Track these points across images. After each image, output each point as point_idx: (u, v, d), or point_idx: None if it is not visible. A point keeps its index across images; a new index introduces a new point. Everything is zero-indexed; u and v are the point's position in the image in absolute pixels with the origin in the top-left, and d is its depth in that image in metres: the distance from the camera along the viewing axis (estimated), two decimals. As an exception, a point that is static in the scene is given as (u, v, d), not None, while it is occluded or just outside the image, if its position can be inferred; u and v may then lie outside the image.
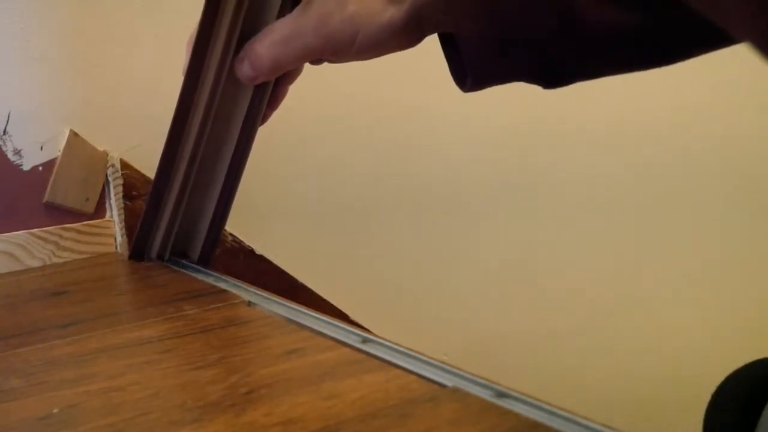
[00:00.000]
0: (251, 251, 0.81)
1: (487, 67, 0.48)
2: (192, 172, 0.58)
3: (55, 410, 0.38)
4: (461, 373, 0.39)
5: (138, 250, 0.65)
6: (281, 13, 0.50)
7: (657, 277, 1.09)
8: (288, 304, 0.53)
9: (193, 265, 0.62)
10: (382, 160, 0.89)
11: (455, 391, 0.37)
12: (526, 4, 0.45)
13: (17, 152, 0.70)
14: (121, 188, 0.73)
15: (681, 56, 0.47)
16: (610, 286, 1.06)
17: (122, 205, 0.73)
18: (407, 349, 0.42)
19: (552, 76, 0.49)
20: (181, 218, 0.61)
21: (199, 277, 0.60)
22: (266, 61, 0.49)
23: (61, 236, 0.70)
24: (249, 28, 0.51)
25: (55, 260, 0.70)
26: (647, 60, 0.48)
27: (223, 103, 0.55)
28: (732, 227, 1.14)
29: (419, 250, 0.93)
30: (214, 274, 0.60)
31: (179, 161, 0.58)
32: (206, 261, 0.63)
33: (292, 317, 0.50)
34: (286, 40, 0.48)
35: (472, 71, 0.48)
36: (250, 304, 0.53)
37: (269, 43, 0.49)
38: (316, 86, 0.84)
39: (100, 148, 0.73)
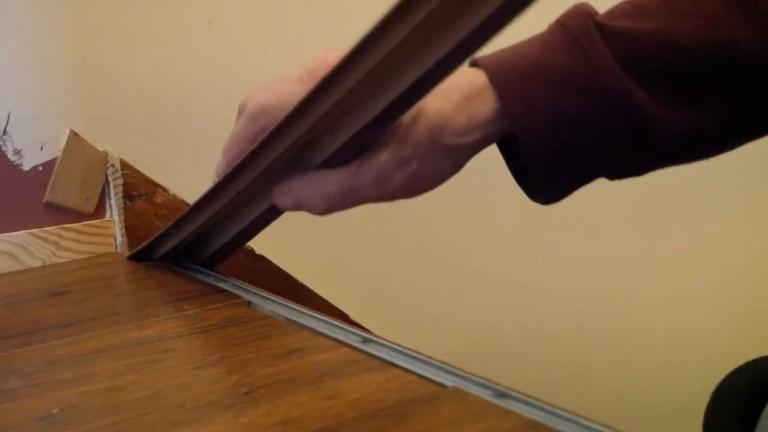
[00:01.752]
0: (251, 251, 0.81)
1: (559, 186, 0.48)
2: (223, 211, 0.55)
3: (55, 410, 0.38)
4: (461, 373, 0.39)
5: (140, 257, 0.65)
6: (334, 158, 0.46)
7: (657, 276, 1.09)
8: (288, 304, 0.53)
9: (193, 265, 0.62)
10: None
11: (455, 391, 0.37)
12: (597, 125, 0.45)
13: (17, 152, 0.70)
14: (121, 188, 0.73)
15: (752, 139, 0.48)
16: (610, 286, 1.06)
17: (122, 205, 0.73)
18: (407, 349, 0.42)
19: (620, 175, 0.49)
20: (197, 236, 0.59)
21: (199, 277, 0.60)
22: (319, 209, 0.48)
23: (61, 236, 0.70)
24: (293, 163, 0.48)
25: (55, 260, 0.70)
26: (720, 149, 0.49)
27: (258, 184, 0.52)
28: (734, 224, 1.14)
29: (419, 250, 0.93)
30: (214, 274, 0.60)
31: (206, 212, 0.55)
32: (209, 266, 0.63)
33: (292, 317, 0.50)
34: (342, 195, 0.46)
35: (541, 192, 0.48)
36: (250, 304, 0.53)
37: (323, 195, 0.47)
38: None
39: (100, 148, 0.73)
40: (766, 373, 0.57)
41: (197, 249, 0.62)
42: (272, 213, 0.54)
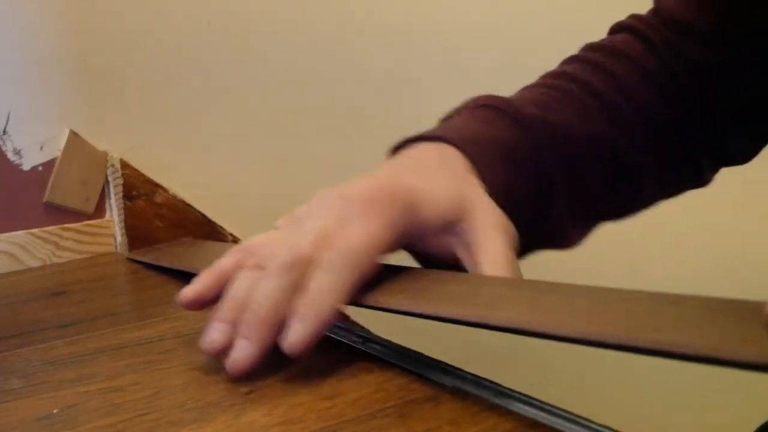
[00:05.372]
0: (251, 251, 0.81)
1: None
2: None
3: (55, 410, 0.38)
4: (461, 373, 0.39)
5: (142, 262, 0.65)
6: None
7: (658, 276, 1.09)
8: (288, 304, 0.52)
9: (193, 265, 0.62)
10: (381, 159, 0.89)
11: (455, 391, 0.37)
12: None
13: (17, 152, 0.70)
14: (121, 188, 0.73)
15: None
16: (610, 285, 1.06)
17: (122, 205, 0.73)
18: (407, 349, 0.42)
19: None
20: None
21: (199, 277, 0.60)
22: None
23: (60, 236, 0.70)
24: None
25: (55, 260, 0.70)
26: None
27: None
28: (736, 223, 1.14)
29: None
30: (214, 274, 0.60)
31: None
32: None
33: (292, 317, 0.50)
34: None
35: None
36: (250, 304, 0.53)
37: None
38: (318, 94, 0.84)
39: (100, 148, 0.73)
40: None
41: None
42: None
